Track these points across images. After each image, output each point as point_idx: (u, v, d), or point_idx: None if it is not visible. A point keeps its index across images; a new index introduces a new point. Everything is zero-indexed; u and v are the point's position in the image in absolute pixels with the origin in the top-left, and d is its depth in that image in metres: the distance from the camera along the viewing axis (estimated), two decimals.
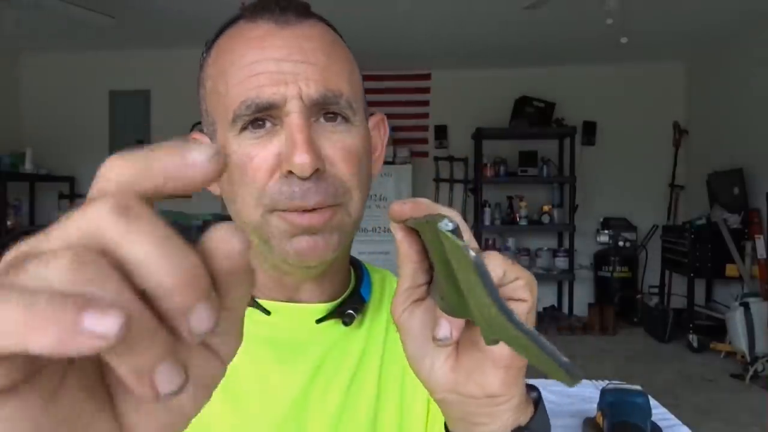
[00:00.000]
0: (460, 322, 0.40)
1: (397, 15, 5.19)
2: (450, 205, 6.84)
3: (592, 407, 1.68)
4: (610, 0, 4.00)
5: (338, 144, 0.59)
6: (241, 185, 0.59)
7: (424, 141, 6.89)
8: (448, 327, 0.40)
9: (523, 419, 0.46)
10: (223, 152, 0.61)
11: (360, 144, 0.62)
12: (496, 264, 0.41)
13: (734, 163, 5.39)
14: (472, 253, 0.33)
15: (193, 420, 0.61)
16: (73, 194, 6.63)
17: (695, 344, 5.19)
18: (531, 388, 0.50)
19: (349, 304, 0.67)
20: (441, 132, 6.80)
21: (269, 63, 0.58)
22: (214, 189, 0.66)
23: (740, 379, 4.40)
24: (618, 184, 6.63)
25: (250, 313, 0.65)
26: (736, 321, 4.57)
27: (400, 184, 6.50)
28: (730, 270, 5.18)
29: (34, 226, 6.30)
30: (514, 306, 0.42)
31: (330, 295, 0.67)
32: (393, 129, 6.70)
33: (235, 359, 0.64)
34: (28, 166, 6.06)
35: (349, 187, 0.60)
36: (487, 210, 6.36)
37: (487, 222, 6.33)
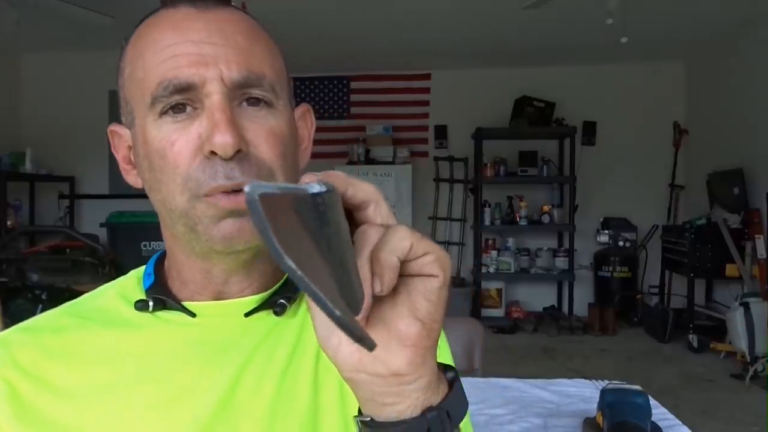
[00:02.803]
0: (365, 302, 0.39)
1: (398, 15, 5.19)
2: (450, 205, 6.84)
3: (592, 407, 1.68)
4: (611, 0, 4.00)
5: (261, 127, 0.58)
6: (164, 172, 0.57)
7: (424, 141, 6.89)
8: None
9: (435, 399, 0.44)
10: (142, 138, 0.59)
11: (284, 127, 0.60)
12: (402, 236, 0.39)
13: (734, 163, 5.39)
14: (246, 187, 0.30)
15: (121, 430, 0.59)
16: (73, 194, 6.63)
17: (695, 344, 5.19)
18: (447, 368, 0.48)
19: (281, 293, 0.65)
20: (441, 132, 6.81)
21: (188, 45, 0.57)
22: (135, 182, 0.64)
23: (740, 379, 4.40)
24: (618, 184, 6.63)
25: (175, 317, 0.63)
26: (736, 321, 4.57)
27: (400, 184, 6.50)
28: (730, 270, 5.18)
29: (34, 225, 6.30)
30: (424, 282, 0.41)
31: (260, 286, 0.65)
32: (393, 129, 6.71)
33: (161, 367, 0.61)
34: (28, 166, 6.07)
35: (273, 170, 0.58)
36: (487, 210, 6.36)
37: (487, 222, 6.33)
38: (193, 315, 0.63)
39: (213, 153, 0.55)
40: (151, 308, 0.63)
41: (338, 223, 0.37)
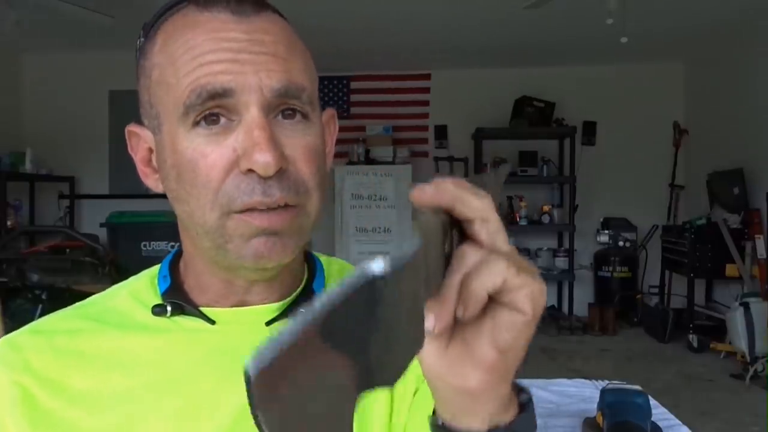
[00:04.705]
0: (446, 317, 0.38)
1: (398, 15, 5.19)
2: None
3: (592, 407, 1.68)
4: (610, 0, 4.00)
5: (298, 143, 0.57)
6: (194, 185, 0.55)
7: (424, 141, 6.89)
8: (432, 320, 0.39)
9: (505, 419, 0.44)
10: (171, 147, 0.57)
11: (319, 141, 0.60)
12: (498, 271, 0.38)
13: (734, 163, 5.39)
14: (250, 368, 0.23)
15: None
16: (73, 194, 6.63)
17: (695, 344, 5.19)
18: (522, 390, 0.48)
19: (301, 301, 0.64)
20: (441, 132, 6.80)
21: (226, 53, 0.54)
22: (155, 187, 0.62)
23: (740, 379, 4.40)
24: (618, 184, 6.63)
25: (193, 323, 0.62)
26: (736, 321, 4.57)
27: (400, 184, 6.49)
28: (730, 270, 5.18)
29: (34, 225, 6.30)
30: (511, 314, 0.40)
31: (281, 294, 0.64)
32: (393, 129, 6.71)
33: (180, 375, 0.60)
34: (28, 166, 6.07)
35: (309, 187, 0.57)
36: None
37: None
38: (212, 322, 0.62)
39: (250, 171, 0.54)
40: (169, 313, 0.62)
41: (397, 302, 0.31)
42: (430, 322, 0.38)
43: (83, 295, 0.69)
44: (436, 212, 0.40)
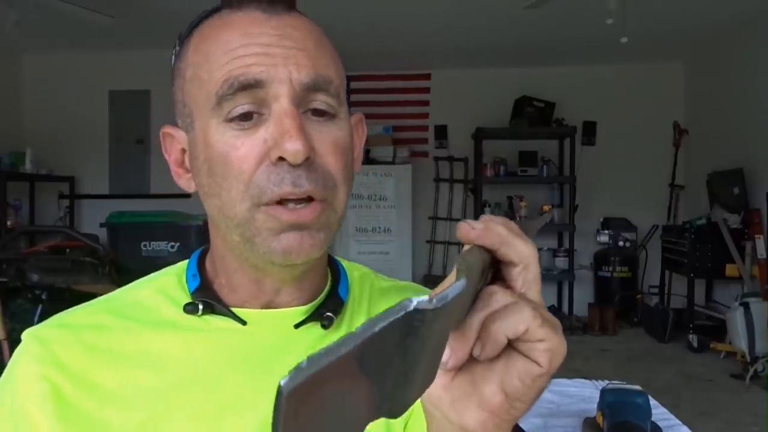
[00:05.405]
0: (463, 354, 0.38)
1: (398, 15, 5.19)
2: (450, 205, 6.84)
3: (592, 407, 1.68)
4: (610, 0, 4.00)
5: (327, 136, 0.57)
6: (226, 177, 0.56)
7: (424, 141, 6.89)
8: (448, 354, 0.38)
9: None
10: (203, 141, 0.58)
11: (347, 138, 0.60)
12: (522, 319, 0.38)
13: (734, 163, 5.39)
14: (282, 381, 0.24)
15: None
16: (73, 194, 6.63)
17: (695, 344, 5.19)
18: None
19: (328, 305, 0.65)
20: (441, 132, 6.80)
21: (257, 47, 0.56)
22: (188, 186, 0.63)
23: (740, 379, 4.40)
24: (618, 184, 6.63)
25: (223, 323, 0.63)
26: (736, 321, 4.57)
27: (400, 184, 6.50)
28: (730, 270, 5.18)
29: (34, 225, 6.30)
30: (526, 363, 0.40)
31: (309, 296, 0.65)
32: (393, 129, 6.71)
33: (209, 374, 0.60)
34: (28, 166, 6.07)
35: (337, 181, 0.58)
36: (487, 210, 6.36)
37: None
38: (243, 323, 0.62)
39: (281, 159, 0.55)
40: (200, 312, 0.62)
41: (427, 337, 0.32)
42: (445, 356, 0.38)
43: (83, 295, 0.69)
44: (479, 250, 0.40)
